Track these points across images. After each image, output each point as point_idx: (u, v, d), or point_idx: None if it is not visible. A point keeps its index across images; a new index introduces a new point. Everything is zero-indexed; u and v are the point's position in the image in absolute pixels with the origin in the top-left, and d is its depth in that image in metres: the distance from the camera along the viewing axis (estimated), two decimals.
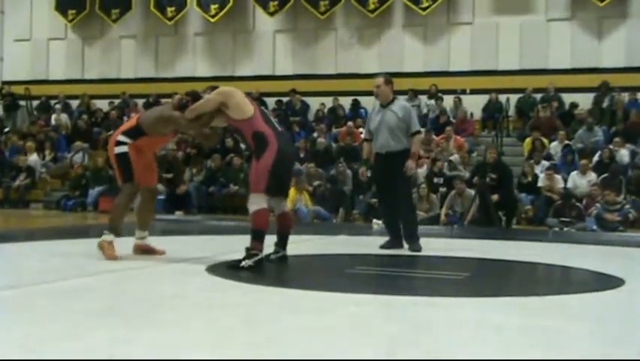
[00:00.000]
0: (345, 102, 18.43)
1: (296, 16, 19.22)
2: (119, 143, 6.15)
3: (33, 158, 17.31)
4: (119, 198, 6.27)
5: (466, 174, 13.76)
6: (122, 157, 6.15)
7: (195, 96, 6.15)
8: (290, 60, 19.39)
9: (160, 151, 12.18)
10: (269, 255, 6.20)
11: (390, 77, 7.85)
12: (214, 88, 6.14)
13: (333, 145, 16.61)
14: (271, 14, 19.02)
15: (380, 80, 7.72)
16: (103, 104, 20.05)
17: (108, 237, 6.00)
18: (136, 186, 6.21)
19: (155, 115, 6.25)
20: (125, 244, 6.26)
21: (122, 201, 6.24)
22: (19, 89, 20.77)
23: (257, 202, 5.85)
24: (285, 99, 19.04)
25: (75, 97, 20.34)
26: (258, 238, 5.80)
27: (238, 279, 5.09)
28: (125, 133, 6.18)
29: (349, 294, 4.57)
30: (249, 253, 5.75)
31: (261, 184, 5.86)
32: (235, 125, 6.01)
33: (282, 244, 6.32)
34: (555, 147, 15.21)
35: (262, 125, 5.87)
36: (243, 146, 15.80)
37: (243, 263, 5.66)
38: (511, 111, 17.56)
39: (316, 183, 14.48)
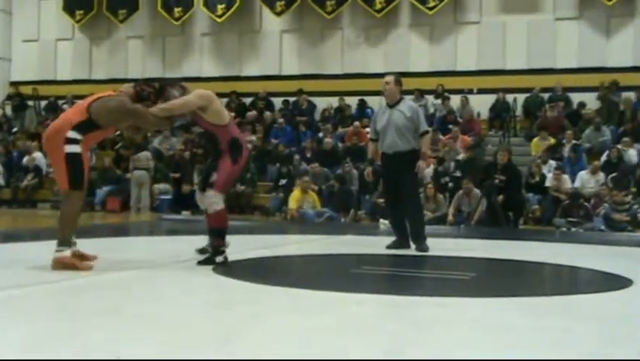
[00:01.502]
0: (352, 102, 18.41)
1: (302, 16, 19.21)
2: (71, 140, 5.28)
3: (38, 157, 17.32)
4: (70, 207, 5.39)
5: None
6: (74, 158, 5.28)
7: (161, 91, 5.81)
8: (296, 60, 19.38)
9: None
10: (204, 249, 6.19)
11: (399, 77, 7.84)
12: (182, 86, 6.00)
13: (340, 145, 16.59)
14: (278, 14, 19.02)
15: (391, 79, 7.70)
16: None
17: (66, 252, 5.25)
18: (84, 192, 5.48)
19: (114, 106, 5.48)
20: (134, 244, 6.26)
21: (73, 212, 5.40)
22: (27, 90, 20.82)
23: (220, 202, 5.87)
24: (291, 99, 19.03)
25: (83, 97, 20.23)
26: (221, 235, 5.87)
27: (243, 278, 5.08)
28: (77, 128, 5.32)
29: (354, 294, 4.57)
30: (217, 249, 5.82)
31: (228, 186, 6.06)
32: (209, 129, 5.93)
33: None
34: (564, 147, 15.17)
35: (237, 131, 6.10)
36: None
37: (218, 259, 5.74)
38: (519, 111, 17.51)
39: (327, 183, 14.46)
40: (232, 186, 6.03)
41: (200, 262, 5.75)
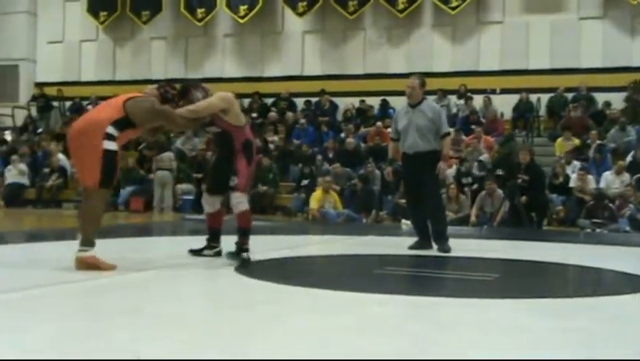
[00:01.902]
0: (374, 102, 18.39)
1: (325, 16, 19.22)
2: (110, 137, 5.23)
3: (60, 158, 17.47)
4: (93, 205, 5.32)
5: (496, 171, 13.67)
6: (111, 155, 5.23)
7: (186, 93, 5.88)
8: (318, 60, 19.39)
9: None
10: (201, 251, 6.28)
11: (424, 78, 7.82)
12: (204, 88, 6.09)
13: (362, 145, 16.58)
14: (300, 15, 19.04)
15: (415, 82, 7.68)
16: None
17: (90, 252, 5.20)
18: (110, 191, 5.49)
19: (147, 107, 5.49)
20: (157, 244, 6.30)
21: (97, 210, 5.34)
22: (51, 91, 21.01)
23: (245, 202, 6.02)
24: (313, 99, 19.05)
25: (106, 98, 20.39)
26: (247, 235, 6.00)
27: (265, 278, 5.09)
28: (114, 124, 5.28)
29: (376, 294, 4.56)
30: (243, 247, 5.94)
31: (248, 185, 6.16)
32: (227, 129, 6.02)
33: (218, 239, 6.37)
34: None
35: (250, 134, 6.21)
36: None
37: (244, 256, 5.88)
38: (542, 111, 17.39)
39: (349, 183, 14.46)
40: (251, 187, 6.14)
41: (227, 255, 5.89)
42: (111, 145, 5.21)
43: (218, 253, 6.30)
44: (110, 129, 5.23)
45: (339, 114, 18.80)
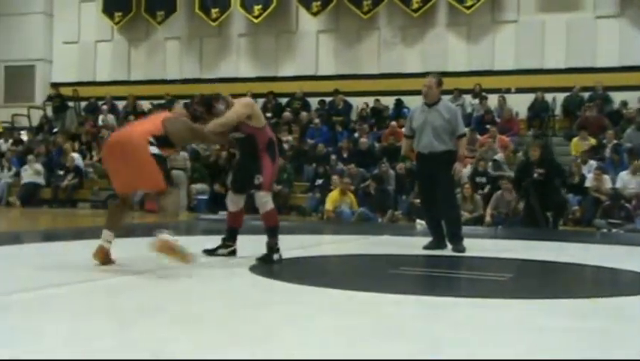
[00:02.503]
0: (388, 102, 18.36)
1: (339, 16, 19.21)
2: (152, 143, 5.32)
3: (76, 157, 17.57)
4: (170, 200, 5.62)
5: (511, 174, 13.59)
6: (161, 157, 5.35)
7: (209, 106, 5.89)
8: (333, 60, 19.38)
9: None
10: (215, 250, 6.32)
11: (441, 78, 7.79)
12: (224, 98, 6.08)
13: (376, 145, 16.56)
14: (314, 14, 19.04)
15: (432, 82, 7.65)
16: (149, 105, 20.29)
17: (165, 234, 5.27)
18: None
19: (184, 127, 5.63)
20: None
21: (174, 204, 5.63)
22: (67, 91, 21.12)
23: (270, 201, 6.14)
24: (327, 99, 19.05)
25: (122, 98, 20.62)
26: (276, 233, 6.13)
27: (280, 278, 5.10)
28: (155, 138, 5.34)
29: (391, 294, 4.56)
30: (275, 247, 6.06)
31: (272, 184, 6.27)
32: (251, 133, 6.05)
33: (234, 239, 6.41)
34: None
35: (272, 132, 6.30)
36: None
37: (275, 257, 6.01)
38: (558, 110, 17.30)
39: (363, 183, 14.44)
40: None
41: (259, 259, 5.95)
42: (155, 149, 5.29)
43: (233, 253, 6.32)
44: (152, 139, 5.30)
45: (353, 114, 18.78)
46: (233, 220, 6.41)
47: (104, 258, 5.38)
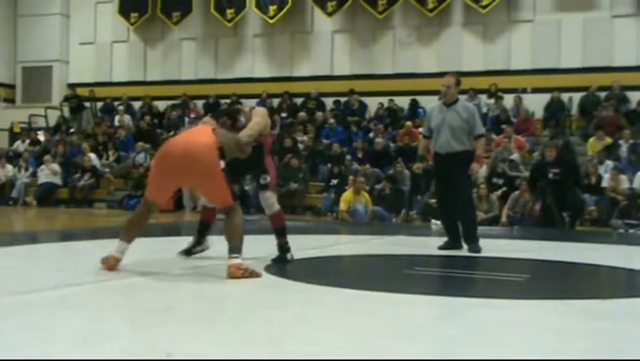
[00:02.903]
0: (403, 102, 18.34)
1: (354, 16, 19.20)
2: (220, 155, 5.20)
3: (93, 158, 17.68)
4: (239, 220, 5.28)
5: (527, 174, 13.55)
6: (224, 172, 5.20)
7: (234, 119, 5.75)
8: (348, 60, 19.37)
9: None
10: (192, 249, 6.25)
11: (459, 77, 7.77)
12: (242, 109, 6.03)
13: (391, 145, 16.54)
14: (329, 14, 19.04)
15: (451, 81, 7.63)
16: (164, 105, 20.38)
17: (240, 259, 5.11)
18: None
19: (233, 140, 5.45)
20: (187, 244, 6.32)
21: (242, 223, 5.31)
22: (84, 91, 21.23)
23: (276, 202, 6.13)
24: (342, 99, 19.04)
25: (137, 98, 20.71)
26: (286, 233, 6.16)
27: (295, 278, 5.11)
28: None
29: (406, 295, 4.55)
30: (286, 247, 6.09)
31: (275, 185, 6.29)
32: (260, 141, 6.01)
33: (206, 235, 6.34)
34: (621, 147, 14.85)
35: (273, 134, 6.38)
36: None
37: (289, 256, 6.06)
38: (574, 110, 17.21)
39: (380, 185, 14.42)
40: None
41: (274, 260, 5.96)
42: (223, 164, 5.19)
43: (203, 250, 6.26)
44: (218, 152, 5.18)
45: (368, 114, 18.76)
46: (209, 214, 6.27)
47: (114, 267, 5.18)
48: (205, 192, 5.52)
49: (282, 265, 5.82)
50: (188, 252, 6.24)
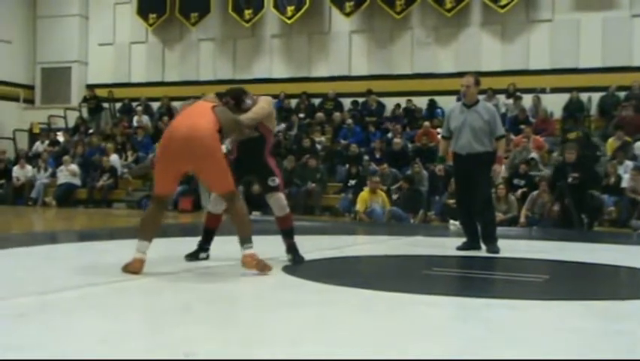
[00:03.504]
0: (421, 102, 18.30)
1: (372, 16, 19.17)
2: (221, 139, 5.22)
3: (114, 158, 17.80)
4: (242, 206, 5.35)
5: (547, 173, 13.49)
6: (226, 158, 5.26)
7: (239, 100, 5.72)
8: (365, 60, 19.35)
9: None
10: (197, 254, 6.13)
11: (479, 77, 7.75)
12: (250, 94, 5.91)
13: (409, 145, 16.50)
14: (347, 15, 19.03)
15: (470, 81, 7.61)
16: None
17: (253, 249, 5.24)
18: None
19: (232, 118, 5.43)
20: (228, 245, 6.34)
21: (246, 209, 5.40)
22: (102, 92, 21.36)
23: (286, 204, 6.10)
24: (360, 100, 19.03)
25: (156, 99, 20.80)
26: (292, 234, 6.10)
27: (313, 279, 5.11)
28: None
29: (424, 295, 4.54)
30: (295, 247, 6.06)
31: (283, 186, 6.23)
32: (264, 133, 5.98)
33: (210, 241, 6.22)
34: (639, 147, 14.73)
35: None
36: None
37: (302, 256, 6.04)
38: (593, 110, 17.10)
39: (396, 185, 14.40)
40: None
41: (293, 262, 5.95)
42: (224, 148, 5.25)
43: (194, 256, 6.14)
44: (217, 135, 5.17)
45: (386, 114, 18.72)
46: (213, 221, 6.19)
47: (140, 270, 5.11)
48: (206, 177, 5.40)
49: (299, 266, 5.81)
50: (193, 255, 6.11)
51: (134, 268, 5.08)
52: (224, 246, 6.20)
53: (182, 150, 5.07)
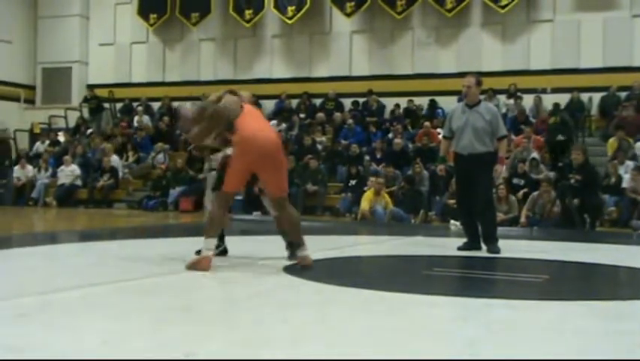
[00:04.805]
0: (422, 102, 18.30)
1: (373, 16, 19.17)
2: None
3: (113, 159, 17.80)
4: (293, 210, 5.88)
5: (549, 174, 13.48)
6: None
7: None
8: (366, 60, 19.35)
9: None
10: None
11: (480, 77, 7.75)
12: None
13: (410, 146, 16.50)
14: (348, 15, 19.03)
15: (471, 81, 7.61)
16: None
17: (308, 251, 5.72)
18: None
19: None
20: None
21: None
22: (103, 92, 21.37)
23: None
24: (361, 100, 19.03)
25: (156, 99, 20.80)
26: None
27: (314, 279, 5.10)
28: None
29: (425, 296, 4.54)
30: (295, 243, 6.06)
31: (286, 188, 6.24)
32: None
33: (223, 238, 6.38)
34: None
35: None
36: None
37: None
38: (594, 110, 17.10)
39: (397, 184, 14.39)
40: None
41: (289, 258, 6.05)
42: (229, 151, 5.74)
43: (224, 252, 6.30)
44: None
45: (387, 114, 18.73)
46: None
47: (209, 267, 5.33)
48: (271, 181, 5.68)
49: (300, 266, 5.80)
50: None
51: (203, 265, 5.28)
52: (229, 246, 6.22)
53: (273, 156, 5.50)
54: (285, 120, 18.30)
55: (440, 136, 9.74)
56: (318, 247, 6.19)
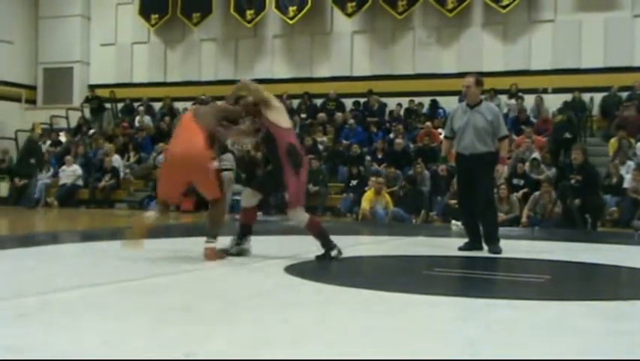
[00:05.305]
0: (423, 102, 18.29)
1: (374, 16, 19.18)
2: (213, 158, 6.17)
3: (115, 159, 17.79)
4: (222, 209, 6.32)
5: (550, 174, 13.47)
6: (218, 170, 6.32)
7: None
8: (367, 61, 19.36)
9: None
10: (228, 250, 6.29)
11: (480, 77, 7.74)
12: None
13: (411, 146, 16.50)
14: (349, 15, 19.04)
15: (471, 81, 7.60)
16: (184, 106, 20.43)
17: (215, 243, 6.01)
18: None
19: (217, 110, 6.39)
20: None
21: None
22: (104, 93, 21.38)
23: (302, 214, 6.28)
24: (362, 100, 19.03)
25: (158, 99, 20.81)
26: (323, 235, 6.38)
27: (315, 279, 5.10)
28: (210, 141, 6.15)
29: (426, 296, 4.53)
30: (329, 246, 6.28)
31: (301, 196, 6.32)
32: (272, 131, 6.22)
33: (246, 235, 6.43)
34: None
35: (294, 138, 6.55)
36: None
37: (333, 253, 6.28)
38: (595, 110, 17.08)
39: (398, 185, 14.38)
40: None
41: (318, 258, 6.22)
42: (216, 163, 6.27)
43: (243, 251, 6.32)
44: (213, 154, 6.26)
45: (387, 114, 18.72)
46: (251, 216, 6.46)
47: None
48: (200, 188, 6.13)
49: (300, 266, 5.81)
50: (224, 251, 6.27)
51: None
52: (227, 246, 6.21)
53: (178, 166, 5.94)
54: None
55: (441, 136, 9.73)
56: (319, 247, 6.18)
